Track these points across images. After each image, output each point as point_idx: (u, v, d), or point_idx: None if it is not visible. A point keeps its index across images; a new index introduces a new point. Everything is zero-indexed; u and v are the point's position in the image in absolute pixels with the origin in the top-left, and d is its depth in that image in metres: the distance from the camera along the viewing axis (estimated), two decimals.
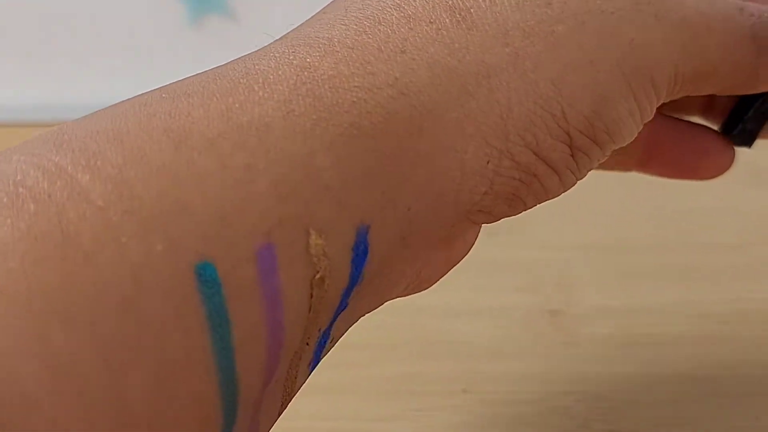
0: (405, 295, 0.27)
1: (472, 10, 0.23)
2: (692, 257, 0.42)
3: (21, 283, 0.17)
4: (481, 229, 0.26)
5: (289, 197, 0.20)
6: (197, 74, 0.22)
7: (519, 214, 0.26)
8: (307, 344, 0.22)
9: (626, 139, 0.25)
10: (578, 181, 0.26)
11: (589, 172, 0.26)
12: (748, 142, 0.30)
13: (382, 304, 0.25)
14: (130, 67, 0.61)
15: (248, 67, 0.21)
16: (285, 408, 0.22)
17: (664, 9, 0.25)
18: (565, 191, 0.26)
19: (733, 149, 0.31)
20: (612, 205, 0.45)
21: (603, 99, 0.24)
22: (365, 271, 0.22)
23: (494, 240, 0.36)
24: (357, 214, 0.21)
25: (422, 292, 0.27)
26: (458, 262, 0.27)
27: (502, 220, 0.26)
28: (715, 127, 0.31)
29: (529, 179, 0.24)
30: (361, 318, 0.31)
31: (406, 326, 0.38)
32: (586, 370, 0.36)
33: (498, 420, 0.34)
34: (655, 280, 0.41)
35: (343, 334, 0.24)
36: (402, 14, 0.23)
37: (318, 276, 0.21)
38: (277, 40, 0.23)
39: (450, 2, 0.23)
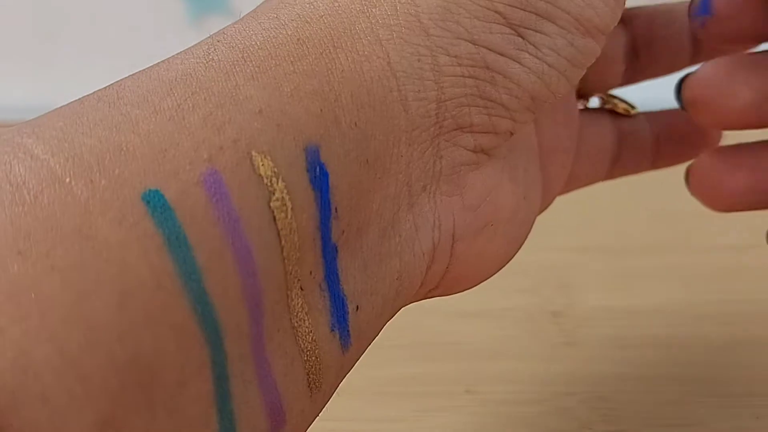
0: (441, 295, 0.26)
1: None
2: (693, 258, 0.42)
3: None
4: None
5: (223, 126, 0.21)
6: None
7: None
8: (302, 289, 0.22)
9: (579, 8, 0.25)
10: (563, 71, 0.25)
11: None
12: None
13: (409, 273, 0.24)
14: (131, 67, 0.61)
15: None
16: (314, 370, 0.22)
17: None
18: (551, 84, 0.25)
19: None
20: (613, 207, 0.46)
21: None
22: (335, 198, 0.22)
23: None
24: (300, 134, 0.22)
25: None
26: (496, 268, 0.27)
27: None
28: None
29: (482, 73, 0.24)
30: None
31: (409, 327, 0.38)
32: (588, 370, 0.36)
33: (500, 421, 0.34)
34: (656, 281, 0.41)
35: (378, 315, 0.24)
36: None
37: (275, 197, 0.21)
38: None
39: None
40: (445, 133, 0.24)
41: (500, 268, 0.27)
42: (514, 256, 0.28)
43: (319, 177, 0.22)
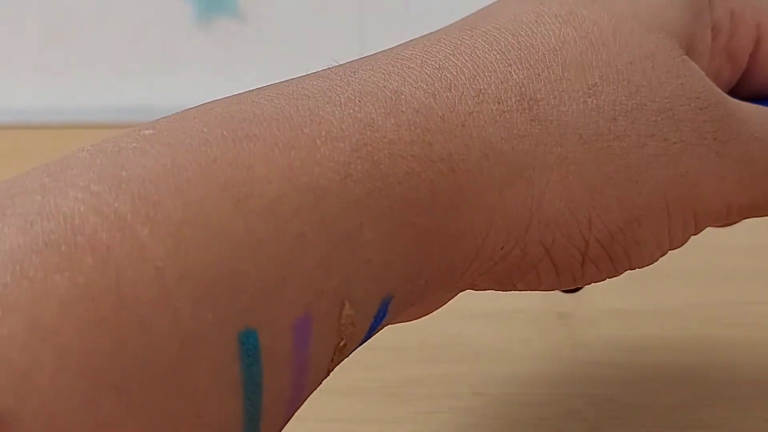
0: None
1: (540, 102, 0.23)
2: (702, 260, 0.41)
3: (76, 347, 0.16)
4: None
5: (332, 271, 0.20)
6: (257, 99, 0.21)
7: None
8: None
9: (644, 263, 0.25)
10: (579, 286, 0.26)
11: None
12: None
13: None
14: (139, 68, 0.61)
15: (312, 110, 0.21)
16: None
17: (727, 146, 0.24)
18: (560, 289, 0.26)
19: None
20: None
21: (634, 218, 0.24)
22: (373, 331, 0.22)
23: None
24: (386, 287, 0.21)
25: None
26: (446, 302, 0.28)
27: None
28: None
29: (528, 269, 0.24)
30: None
31: (415, 329, 0.37)
32: (595, 372, 0.36)
33: (508, 423, 0.34)
34: (664, 282, 0.41)
35: None
36: (474, 86, 0.22)
37: (342, 343, 0.21)
38: (344, 66, 0.23)
39: (522, 89, 0.23)
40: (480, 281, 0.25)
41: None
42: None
43: (378, 321, 0.22)
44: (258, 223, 0.19)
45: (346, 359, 0.25)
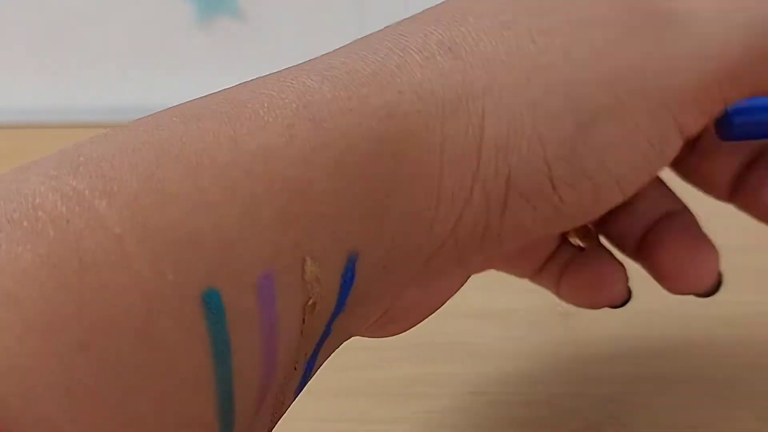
0: (370, 336, 0.27)
1: (459, 45, 0.23)
2: None
3: (41, 310, 0.17)
4: None
5: (289, 226, 0.20)
6: (205, 97, 0.22)
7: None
8: (295, 369, 0.22)
9: (635, 173, 0.24)
10: (577, 221, 0.25)
11: None
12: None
13: (351, 337, 0.25)
14: (139, 68, 0.61)
15: (253, 90, 0.22)
16: (274, 420, 0.23)
17: (664, 31, 0.24)
18: (552, 231, 0.25)
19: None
20: None
21: (587, 120, 0.23)
22: (349, 299, 0.23)
23: None
24: (349, 241, 0.22)
25: None
26: (431, 312, 0.27)
27: None
28: None
29: (500, 210, 0.24)
30: None
31: (416, 328, 0.38)
32: (596, 372, 0.36)
33: (508, 422, 0.34)
34: None
35: (322, 364, 0.24)
36: (397, 45, 0.23)
37: (310, 302, 0.21)
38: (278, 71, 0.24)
39: (441, 38, 0.24)
40: (449, 258, 0.25)
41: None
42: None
43: (347, 283, 0.22)
44: (210, 187, 0.20)
45: (343, 359, 0.25)
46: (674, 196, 0.31)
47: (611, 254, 0.31)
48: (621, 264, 0.31)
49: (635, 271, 0.32)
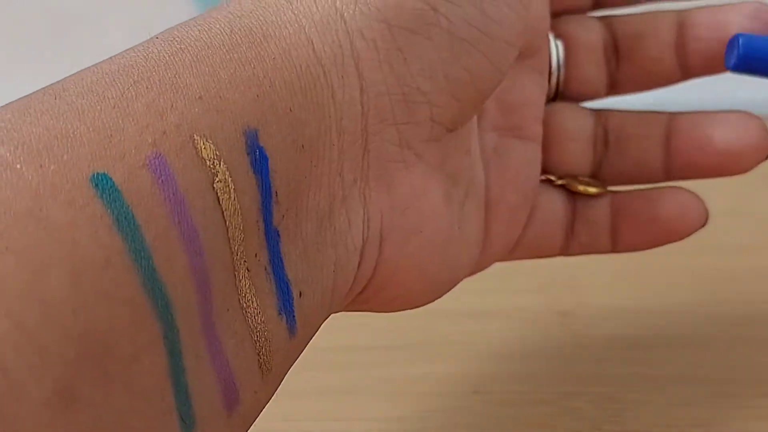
0: (371, 306, 0.27)
1: None
2: (702, 259, 0.41)
3: None
4: None
5: (165, 111, 0.22)
6: None
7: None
8: (248, 270, 0.23)
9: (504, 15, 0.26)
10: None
11: None
12: None
13: (348, 269, 0.25)
14: None
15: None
16: (265, 351, 0.23)
17: None
18: (462, 59, 0.25)
19: (703, 206, 0.31)
20: None
21: None
22: (275, 182, 0.23)
23: None
24: (239, 118, 0.23)
25: None
26: (446, 272, 0.27)
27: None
28: None
29: (395, 55, 0.25)
30: (371, 319, 0.31)
31: (416, 327, 0.38)
32: (596, 371, 0.36)
33: (508, 421, 0.34)
34: (664, 281, 0.41)
35: (319, 306, 0.24)
36: None
37: (218, 179, 0.22)
38: None
39: None
40: (372, 125, 0.25)
41: (431, 296, 0.28)
42: (446, 288, 0.28)
43: (259, 160, 0.23)
44: (78, 100, 0.21)
45: (345, 359, 0.25)
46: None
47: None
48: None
49: (635, 271, 0.32)
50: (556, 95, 0.32)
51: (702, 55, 0.31)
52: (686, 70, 0.32)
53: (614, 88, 0.33)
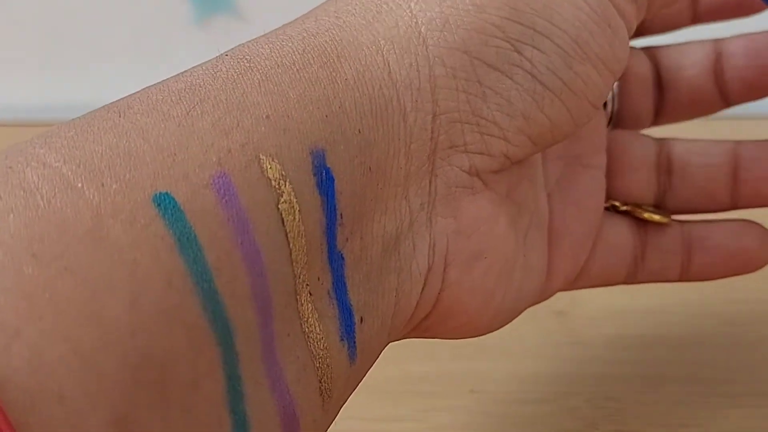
0: (433, 333, 0.27)
1: None
2: None
3: None
4: None
5: (231, 130, 0.21)
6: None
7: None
8: (311, 294, 0.22)
9: (574, 28, 0.25)
10: (545, 91, 0.25)
11: None
12: None
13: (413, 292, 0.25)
14: (137, 67, 0.61)
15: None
16: (326, 378, 0.22)
17: None
18: (544, 106, 0.25)
19: None
20: None
21: None
22: (341, 204, 0.23)
23: None
24: (306, 138, 0.22)
25: None
26: (482, 256, 0.26)
27: None
28: None
29: (475, 87, 0.24)
30: None
31: None
32: (593, 370, 0.36)
33: (505, 420, 0.34)
34: None
35: (378, 333, 0.24)
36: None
37: (283, 200, 0.21)
38: None
39: None
40: (441, 151, 0.24)
41: (495, 325, 0.28)
42: (510, 317, 0.28)
43: (325, 181, 0.22)
44: (142, 118, 0.21)
45: None
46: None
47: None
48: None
49: None
50: (609, 125, 0.32)
51: (740, 82, 0.31)
52: (726, 97, 0.32)
53: (658, 117, 0.33)
